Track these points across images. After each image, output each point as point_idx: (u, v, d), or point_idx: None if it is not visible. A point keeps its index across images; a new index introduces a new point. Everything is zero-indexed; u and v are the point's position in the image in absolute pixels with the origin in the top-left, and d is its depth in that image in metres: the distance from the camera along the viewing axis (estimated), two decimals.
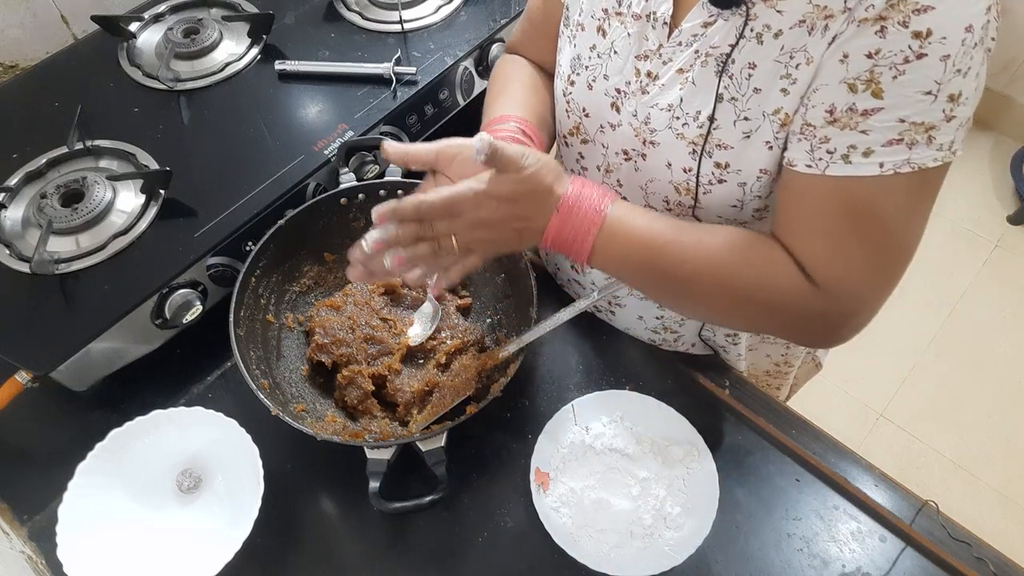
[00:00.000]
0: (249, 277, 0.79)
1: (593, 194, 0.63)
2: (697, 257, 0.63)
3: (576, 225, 0.62)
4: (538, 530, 0.72)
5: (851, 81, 0.53)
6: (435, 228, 0.61)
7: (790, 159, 0.60)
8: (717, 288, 0.63)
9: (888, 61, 0.51)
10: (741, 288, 0.63)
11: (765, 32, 0.58)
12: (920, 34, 0.50)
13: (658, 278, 0.65)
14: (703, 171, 0.66)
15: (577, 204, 0.62)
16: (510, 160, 0.59)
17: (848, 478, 0.77)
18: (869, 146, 0.54)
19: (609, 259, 0.64)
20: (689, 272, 0.63)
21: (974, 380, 1.95)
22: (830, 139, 0.55)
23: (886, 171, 0.54)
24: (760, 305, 0.63)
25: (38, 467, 0.81)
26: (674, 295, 0.67)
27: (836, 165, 0.56)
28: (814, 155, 0.57)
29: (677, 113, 0.65)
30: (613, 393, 0.80)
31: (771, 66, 0.58)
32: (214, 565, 0.67)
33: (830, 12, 0.54)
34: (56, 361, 0.76)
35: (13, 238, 0.86)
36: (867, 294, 0.61)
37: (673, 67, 0.64)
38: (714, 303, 0.65)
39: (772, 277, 0.62)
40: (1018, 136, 2.44)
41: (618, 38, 0.68)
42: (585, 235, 0.63)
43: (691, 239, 0.63)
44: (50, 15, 1.15)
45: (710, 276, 0.63)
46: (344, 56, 1.04)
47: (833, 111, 0.55)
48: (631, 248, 0.63)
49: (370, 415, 0.80)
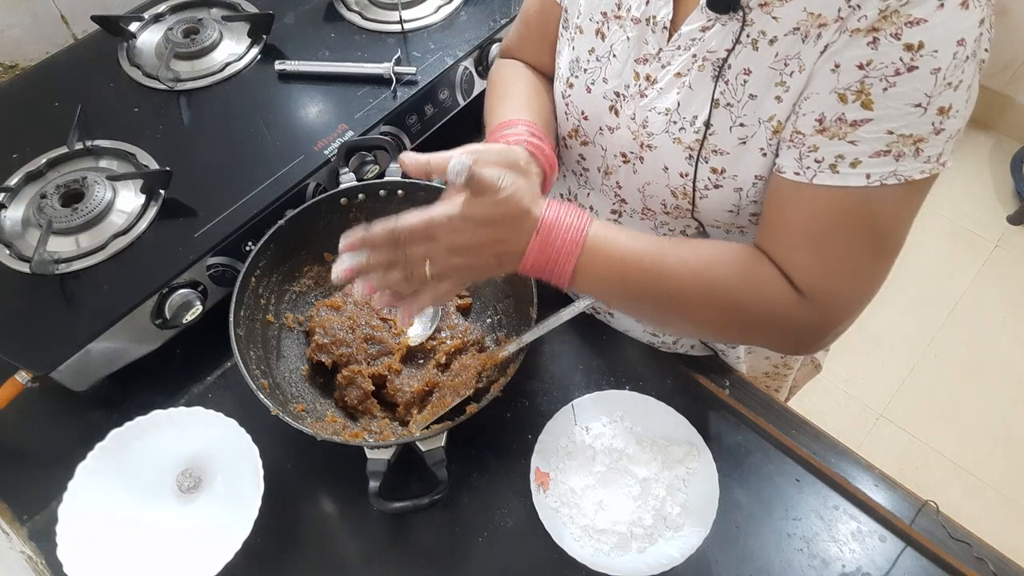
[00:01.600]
0: (249, 277, 0.79)
1: (571, 215, 0.61)
2: (681, 273, 0.61)
3: (557, 247, 0.60)
4: (538, 530, 0.72)
5: (842, 91, 0.53)
6: (408, 254, 0.59)
7: (779, 166, 0.59)
8: (703, 304, 0.62)
9: (879, 73, 0.51)
10: (728, 302, 0.62)
11: (761, 38, 0.57)
12: (912, 46, 0.50)
13: (642, 297, 0.64)
14: (699, 176, 0.66)
15: (556, 225, 0.60)
16: (487, 183, 0.57)
17: (848, 478, 0.77)
18: (857, 157, 0.54)
19: (591, 280, 0.63)
20: (674, 289, 0.62)
21: (974, 380, 1.95)
22: (818, 148, 0.55)
23: (872, 182, 0.54)
24: (747, 318, 0.63)
25: (38, 467, 0.81)
26: (659, 313, 0.66)
27: (823, 174, 0.55)
28: (802, 163, 0.57)
29: (674, 118, 0.65)
30: (613, 393, 0.80)
31: (766, 73, 0.58)
32: (214, 565, 0.67)
33: (824, 21, 0.54)
34: (56, 361, 0.76)
35: (13, 238, 0.86)
36: (852, 303, 0.61)
37: (671, 71, 0.64)
38: (700, 319, 0.64)
39: (758, 290, 0.61)
40: (1018, 136, 2.44)
41: (617, 41, 0.68)
42: (567, 256, 0.61)
43: (674, 256, 0.62)
44: (50, 15, 1.15)
45: (695, 292, 0.62)
46: (344, 56, 1.04)
47: (823, 120, 0.55)
48: (613, 268, 0.62)
49: (370, 415, 0.80)
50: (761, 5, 0.57)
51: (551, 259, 0.61)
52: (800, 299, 0.60)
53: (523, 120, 0.74)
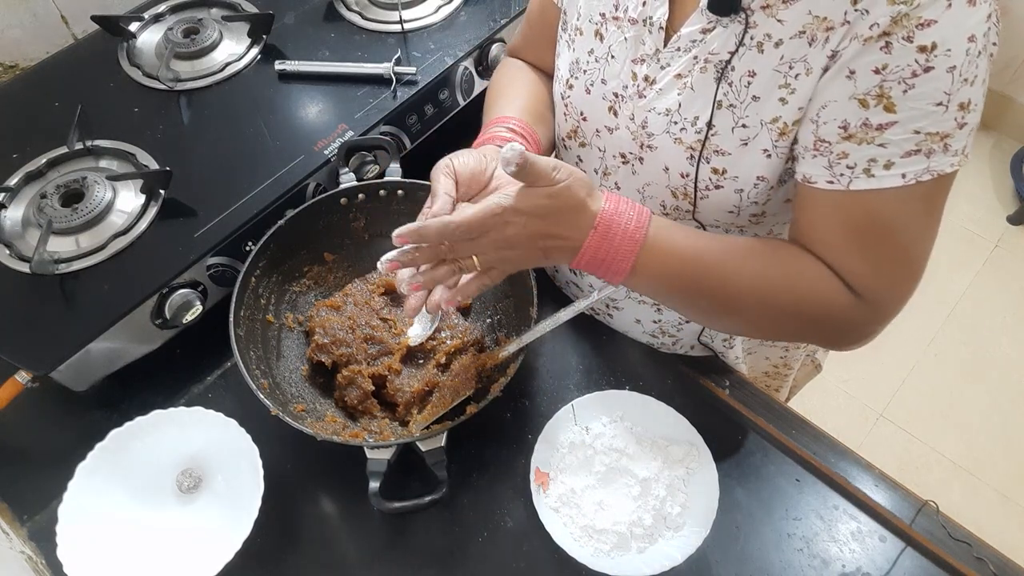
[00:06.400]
0: (249, 277, 0.79)
1: (630, 210, 0.60)
2: (740, 274, 0.61)
3: (616, 244, 0.59)
4: (538, 530, 0.72)
5: (861, 96, 0.53)
6: (457, 249, 0.58)
7: (808, 175, 0.59)
8: (760, 305, 0.63)
9: (896, 76, 0.52)
10: (787, 304, 0.62)
11: (766, 41, 0.58)
12: (925, 48, 0.50)
13: (697, 295, 0.63)
14: (700, 176, 0.66)
15: (615, 221, 0.59)
16: (540, 172, 0.55)
17: (848, 478, 0.77)
18: (889, 159, 0.54)
19: (646, 278, 0.62)
20: (731, 289, 0.62)
21: (974, 380, 1.95)
22: (848, 154, 0.56)
23: (908, 181, 0.55)
24: (804, 319, 0.63)
25: (38, 467, 0.81)
26: (712, 311, 0.65)
27: (859, 180, 0.56)
28: (834, 171, 0.57)
29: (675, 118, 0.65)
30: (613, 393, 0.80)
31: (770, 75, 0.58)
32: (214, 565, 0.67)
33: (830, 24, 0.54)
34: (56, 361, 0.76)
35: (13, 238, 0.86)
36: (904, 297, 0.63)
37: (671, 72, 0.64)
38: (755, 318, 0.64)
39: (817, 292, 0.62)
40: (1018, 136, 2.44)
41: (615, 42, 0.68)
42: (626, 254, 0.59)
43: (733, 256, 0.62)
44: (50, 15, 1.15)
45: (754, 294, 0.62)
46: (344, 56, 1.04)
47: (847, 127, 0.55)
48: (670, 266, 0.61)
49: (370, 415, 0.80)
50: (763, 7, 0.57)
51: (608, 256, 0.59)
52: (856, 300, 0.61)
53: (510, 117, 0.75)
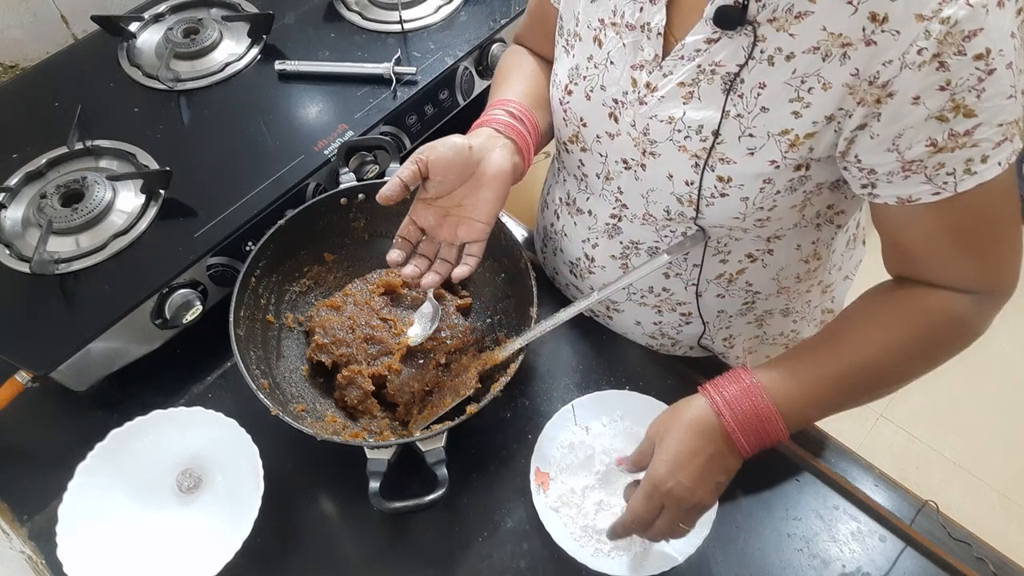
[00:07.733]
0: (249, 277, 0.79)
1: (742, 397, 0.64)
2: (867, 358, 0.65)
3: (758, 432, 0.63)
4: (538, 530, 0.72)
5: (938, 114, 0.55)
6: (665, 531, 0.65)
7: (907, 196, 0.60)
8: (910, 361, 0.66)
9: (964, 86, 0.53)
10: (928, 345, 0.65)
11: (777, 55, 0.58)
12: (981, 55, 0.52)
13: (846, 400, 0.66)
14: (705, 184, 0.66)
15: (741, 420, 0.63)
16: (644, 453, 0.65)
17: (848, 478, 0.77)
18: (983, 154, 0.56)
19: (803, 421, 0.66)
20: (871, 377, 0.65)
21: (974, 380, 1.95)
22: (945, 164, 0.57)
23: (1004, 168, 0.57)
24: (944, 344, 0.66)
25: (38, 467, 0.81)
26: (870, 397, 0.68)
27: (964, 180, 0.57)
28: (935, 182, 0.58)
29: (679, 126, 0.65)
30: (613, 393, 0.80)
31: (781, 88, 0.59)
32: (214, 565, 0.68)
33: (847, 40, 0.54)
34: (56, 361, 0.76)
35: (13, 238, 0.86)
36: (1017, 276, 0.65)
37: (673, 80, 0.64)
38: (909, 375, 0.67)
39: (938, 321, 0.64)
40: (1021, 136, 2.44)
41: (614, 48, 0.68)
42: (774, 432, 0.63)
43: (861, 347, 0.65)
44: (50, 15, 1.15)
45: (900, 359, 0.65)
46: (344, 56, 1.04)
47: (936, 143, 0.56)
48: (810, 397, 0.65)
49: (370, 415, 0.80)
50: (770, 20, 0.57)
51: (762, 440, 0.64)
52: (974, 298, 0.64)
53: (509, 100, 0.77)
